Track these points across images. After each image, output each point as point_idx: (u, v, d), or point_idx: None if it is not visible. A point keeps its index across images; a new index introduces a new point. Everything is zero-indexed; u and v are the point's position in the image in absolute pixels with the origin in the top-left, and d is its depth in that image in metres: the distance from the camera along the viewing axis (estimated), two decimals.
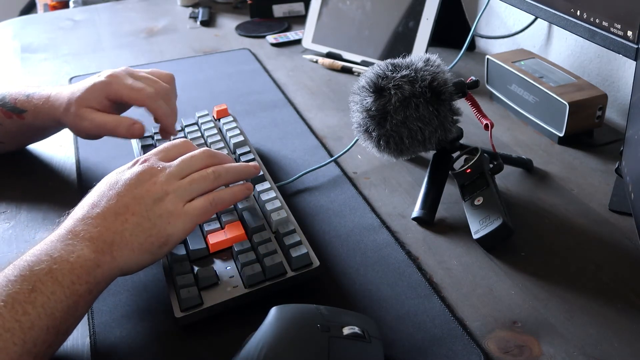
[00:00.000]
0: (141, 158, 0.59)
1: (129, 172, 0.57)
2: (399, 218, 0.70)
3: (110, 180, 0.57)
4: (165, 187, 0.56)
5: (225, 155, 0.63)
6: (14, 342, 0.45)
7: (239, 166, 0.62)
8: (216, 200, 0.58)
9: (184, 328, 0.56)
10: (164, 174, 0.57)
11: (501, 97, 0.91)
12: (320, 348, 0.46)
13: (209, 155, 0.60)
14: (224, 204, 0.60)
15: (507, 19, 1.10)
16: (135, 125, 0.71)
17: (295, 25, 1.28)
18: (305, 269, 0.58)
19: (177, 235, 0.55)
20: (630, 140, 0.62)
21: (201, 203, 0.57)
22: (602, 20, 0.67)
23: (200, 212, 0.57)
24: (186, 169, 0.58)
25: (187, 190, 0.56)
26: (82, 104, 0.71)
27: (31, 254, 0.50)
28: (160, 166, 0.57)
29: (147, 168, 0.57)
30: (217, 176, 0.59)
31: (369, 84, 0.66)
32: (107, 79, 0.71)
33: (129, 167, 0.58)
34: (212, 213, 0.58)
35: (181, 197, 0.56)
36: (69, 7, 1.69)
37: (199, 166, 0.59)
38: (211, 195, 0.58)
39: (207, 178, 0.58)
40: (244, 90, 1.01)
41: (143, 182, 0.56)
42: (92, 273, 0.50)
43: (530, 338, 0.54)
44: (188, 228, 0.56)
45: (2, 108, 0.75)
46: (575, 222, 0.68)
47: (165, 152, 0.60)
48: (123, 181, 0.56)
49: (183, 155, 0.59)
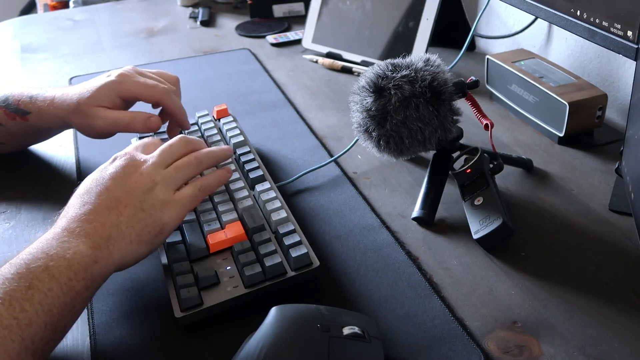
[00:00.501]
0: (120, 153, 0.60)
1: (112, 167, 0.58)
2: (399, 218, 0.70)
3: (95, 177, 0.57)
4: (153, 176, 0.57)
5: (199, 140, 0.64)
6: (12, 339, 0.45)
7: (215, 150, 0.64)
8: (204, 185, 0.60)
9: (184, 328, 0.56)
10: (148, 164, 0.58)
11: (501, 97, 0.91)
12: (320, 348, 0.46)
13: (186, 141, 0.62)
14: (210, 188, 0.62)
15: (507, 19, 1.10)
16: (152, 118, 0.71)
17: (295, 25, 1.28)
18: (305, 269, 0.58)
19: (172, 223, 0.57)
20: (630, 140, 0.62)
21: (190, 190, 0.59)
22: (602, 20, 0.67)
23: (191, 199, 0.59)
24: (168, 158, 0.59)
25: (174, 178, 0.58)
26: (93, 103, 0.71)
27: (27, 252, 0.50)
28: (142, 158, 0.59)
29: (129, 161, 0.58)
30: (199, 162, 0.61)
31: (369, 84, 0.66)
32: (118, 78, 0.72)
33: (110, 162, 0.59)
34: (201, 199, 0.60)
35: (170, 186, 0.58)
36: (69, 7, 1.69)
37: (179, 154, 0.60)
38: (198, 181, 0.60)
39: (190, 164, 0.60)
40: (244, 90, 1.01)
41: (129, 175, 0.57)
42: (89, 269, 0.51)
43: (530, 338, 0.54)
44: (181, 215, 0.58)
45: (5, 109, 0.75)
46: (575, 222, 0.68)
47: (142, 146, 0.62)
48: (109, 176, 0.56)
49: (161, 146, 0.61)
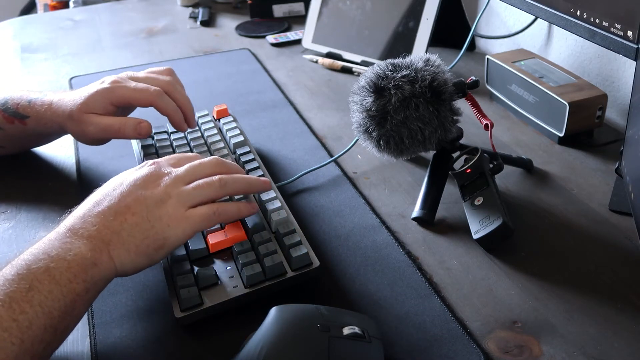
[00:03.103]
0: (149, 161, 0.59)
1: (135, 174, 0.57)
2: (399, 218, 0.70)
3: (117, 180, 0.57)
4: (169, 190, 0.55)
5: (236, 165, 0.62)
6: (12, 341, 0.45)
7: (248, 178, 0.61)
8: (220, 211, 0.57)
9: (184, 328, 0.56)
10: (170, 177, 0.56)
11: (501, 97, 0.91)
12: (320, 348, 0.46)
13: (218, 163, 0.60)
14: (228, 216, 0.59)
15: (507, 19, 1.10)
16: (142, 124, 0.71)
17: (295, 25, 1.28)
18: (305, 269, 0.58)
19: (175, 240, 0.54)
20: (630, 140, 0.62)
21: (204, 210, 0.56)
22: (602, 20, 0.67)
23: (202, 220, 0.56)
24: (193, 175, 0.57)
25: (190, 195, 0.56)
26: (85, 110, 0.71)
27: (29, 253, 0.50)
28: (167, 170, 0.57)
29: (154, 171, 0.57)
30: (223, 184, 0.58)
31: (369, 84, 0.66)
32: (110, 85, 0.72)
33: (137, 168, 0.58)
34: (214, 223, 0.58)
35: (184, 202, 0.55)
36: (69, 7, 1.69)
37: (206, 173, 0.58)
38: (215, 205, 0.57)
39: (212, 185, 0.57)
40: (244, 90, 1.01)
41: (148, 184, 0.55)
42: (89, 271, 0.50)
43: (530, 338, 0.54)
44: (187, 234, 0.55)
45: (4, 113, 0.75)
46: (575, 222, 0.68)
47: (177, 159, 0.60)
48: (128, 182, 0.56)
49: (192, 162, 0.59)
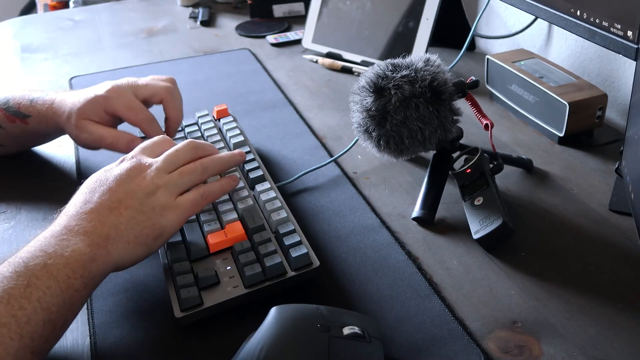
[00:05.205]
0: (127, 156, 0.60)
1: (117, 169, 0.58)
2: (399, 218, 0.70)
3: (99, 177, 0.58)
4: (156, 181, 0.57)
5: (209, 145, 0.64)
6: (11, 337, 0.45)
7: (224, 156, 0.64)
8: (206, 193, 0.60)
9: (184, 328, 0.56)
10: (152, 169, 0.58)
11: (501, 97, 0.91)
12: (320, 348, 0.46)
13: (193, 147, 0.62)
14: (214, 196, 0.61)
15: (507, 19, 1.10)
16: (135, 142, 0.72)
17: (295, 25, 1.28)
18: (305, 269, 0.58)
19: (171, 227, 0.57)
20: (630, 140, 0.62)
21: (192, 196, 0.59)
22: (602, 20, 0.67)
23: (192, 205, 0.58)
24: (173, 163, 0.60)
25: (177, 183, 0.58)
26: (81, 115, 0.72)
27: (26, 251, 0.50)
28: (147, 162, 0.59)
29: (135, 164, 0.58)
30: (204, 168, 0.61)
31: (369, 84, 0.66)
32: (107, 93, 0.72)
33: (117, 164, 0.59)
34: (203, 206, 0.60)
35: (172, 191, 0.58)
36: (69, 7, 1.69)
37: (185, 159, 0.60)
38: (201, 188, 0.60)
39: (195, 171, 0.60)
40: (244, 90, 1.01)
41: (133, 178, 0.57)
42: (87, 267, 0.51)
43: (530, 338, 0.54)
44: (181, 220, 0.58)
45: (6, 112, 0.75)
46: (575, 222, 0.68)
47: (150, 149, 0.62)
48: (113, 177, 0.57)
49: (168, 150, 0.61)
